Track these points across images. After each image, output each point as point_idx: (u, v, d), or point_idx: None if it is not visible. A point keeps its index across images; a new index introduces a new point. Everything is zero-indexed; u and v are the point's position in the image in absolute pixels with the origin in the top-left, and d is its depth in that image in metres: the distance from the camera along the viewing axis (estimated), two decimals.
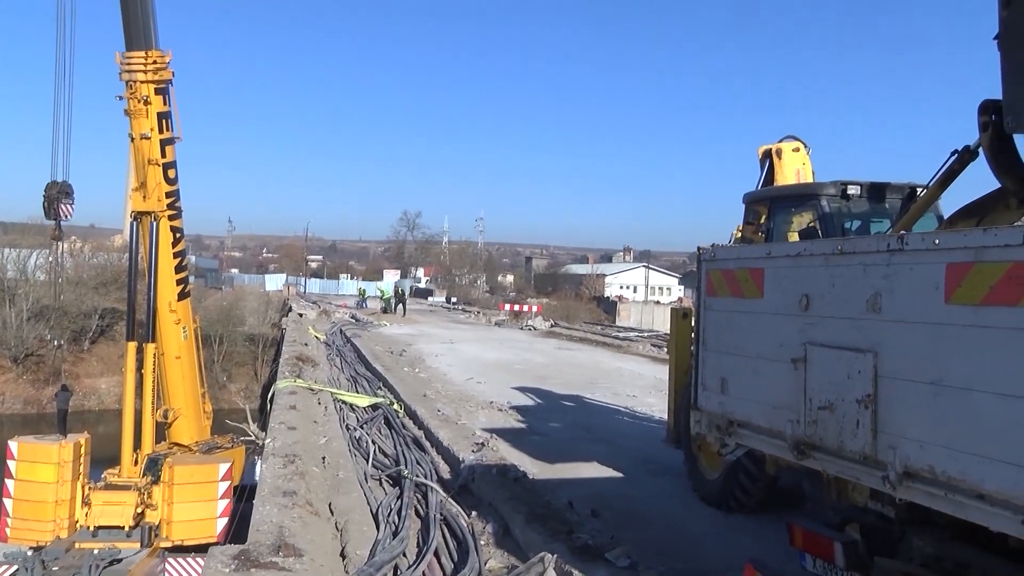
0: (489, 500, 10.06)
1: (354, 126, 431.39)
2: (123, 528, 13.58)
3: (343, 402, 18.94)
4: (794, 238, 9.64)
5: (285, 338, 34.51)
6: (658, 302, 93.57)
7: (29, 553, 12.61)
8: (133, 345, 15.11)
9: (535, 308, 53.94)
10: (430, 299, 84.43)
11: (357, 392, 20.61)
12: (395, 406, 17.62)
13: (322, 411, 17.79)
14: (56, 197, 14.29)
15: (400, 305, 54.65)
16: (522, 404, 18.21)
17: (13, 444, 13.56)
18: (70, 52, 14.44)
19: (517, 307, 55.34)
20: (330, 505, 10.92)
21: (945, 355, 4.30)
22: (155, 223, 14.83)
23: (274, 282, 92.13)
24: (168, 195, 15.00)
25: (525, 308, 53.87)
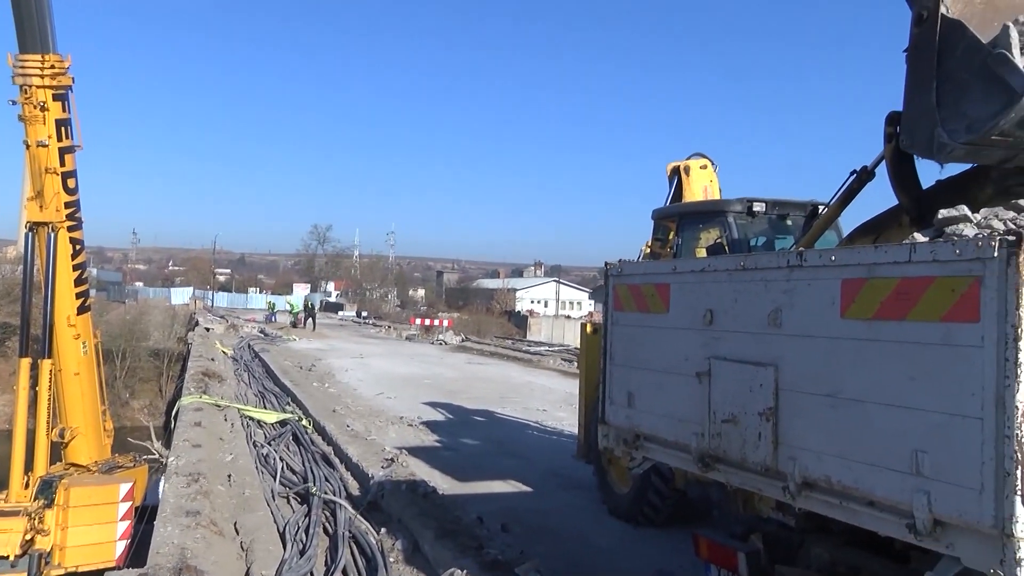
0: (399, 516, 9.96)
1: (264, 137, 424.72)
2: (7, 558, 12.81)
3: (250, 418, 18.52)
4: (702, 254, 9.83)
5: (191, 353, 33.63)
6: (569, 316, 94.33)
7: None
8: (27, 361, 14.48)
9: (446, 322, 53.73)
10: (340, 313, 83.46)
11: (265, 408, 20.19)
12: (304, 422, 17.34)
13: (229, 428, 17.36)
14: None
15: (310, 319, 54.01)
16: (432, 419, 18.13)
17: None
18: None
19: (428, 321, 54.99)
20: (235, 524, 10.65)
21: (841, 368, 4.44)
22: (53, 234, 14.26)
23: (180, 296, 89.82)
24: (68, 205, 14.44)
25: (436, 322, 53.58)
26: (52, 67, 13.78)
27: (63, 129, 14.24)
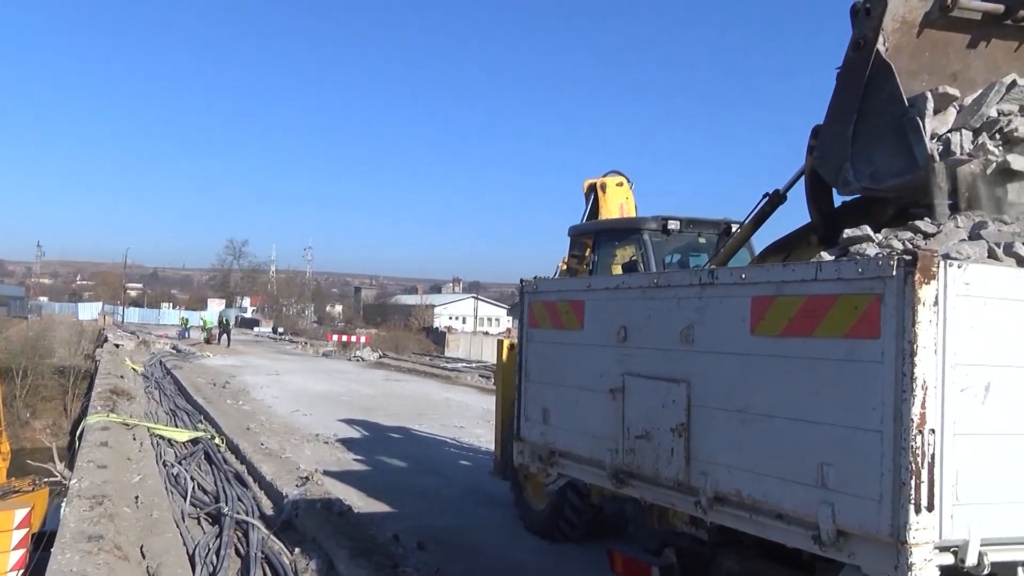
0: (313, 536, 9.79)
1: (179, 148, 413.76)
2: None
3: (161, 437, 17.98)
4: (618, 271, 9.94)
5: (99, 370, 32.58)
6: (487, 333, 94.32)
7: None
8: None
9: (363, 339, 53.34)
10: (256, 329, 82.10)
11: (177, 426, 19.66)
12: (217, 440, 16.92)
13: (137, 447, 16.83)
14: None
15: (224, 335, 52.95)
16: (349, 436, 17.92)
17: None
18: None
19: (345, 338, 54.49)
20: (142, 548, 10.30)
21: (751, 384, 4.52)
22: None
23: (89, 311, 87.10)
24: None
25: (353, 339, 53.15)
26: None
27: None
